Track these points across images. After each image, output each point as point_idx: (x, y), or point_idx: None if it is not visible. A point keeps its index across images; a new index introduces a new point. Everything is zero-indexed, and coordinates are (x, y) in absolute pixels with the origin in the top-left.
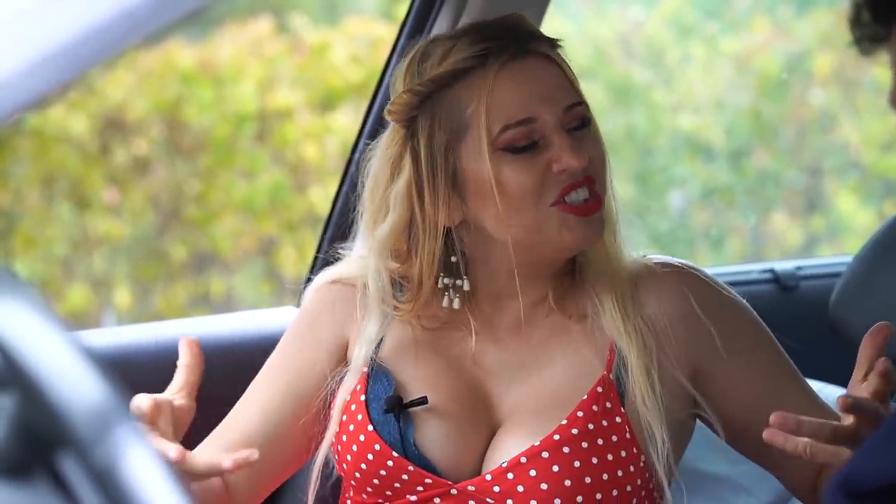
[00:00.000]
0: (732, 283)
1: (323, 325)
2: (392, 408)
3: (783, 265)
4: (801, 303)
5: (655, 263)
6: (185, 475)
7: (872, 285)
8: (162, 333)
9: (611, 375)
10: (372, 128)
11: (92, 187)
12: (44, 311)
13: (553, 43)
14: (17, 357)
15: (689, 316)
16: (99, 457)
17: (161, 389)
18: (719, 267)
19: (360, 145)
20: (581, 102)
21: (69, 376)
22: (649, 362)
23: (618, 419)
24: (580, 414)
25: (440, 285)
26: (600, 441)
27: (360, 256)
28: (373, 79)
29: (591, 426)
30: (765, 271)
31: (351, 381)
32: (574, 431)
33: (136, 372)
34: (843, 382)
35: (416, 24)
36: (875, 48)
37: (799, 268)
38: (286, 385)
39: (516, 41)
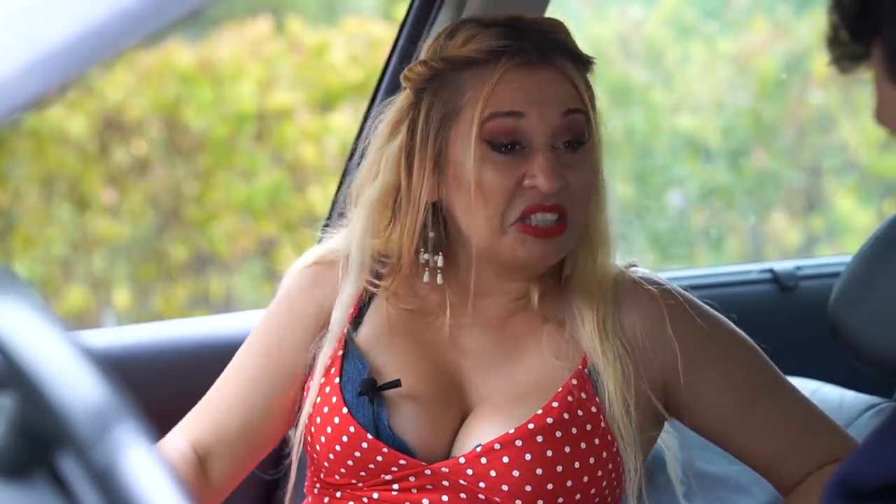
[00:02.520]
0: (732, 283)
1: (302, 306)
2: (366, 390)
3: (782, 265)
4: (801, 303)
5: (638, 278)
6: None
7: (871, 285)
8: (161, 333)
9: (585, 370)
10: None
11: (91, 187)
12: (43, 312)
13: (582, 63)
14: (17, 357)
15: (660, 330)
16: (98, 457)
17: (160, 389)
18: (718, 267)
19: (360, 146)
20: (580, 110)
21: (69, 376)
22: (625, 389)
23: (593, 409)
24: (555, 404)
25: (421, 260)
26: (574, 430)
27: (342, 230)
28: (372, 79)
29: (566, 416)
30: (764, 271)
31: (328, 348)
32: (549, 420)
33: (136, 372)
34: (842, 382)
35: (416, 24)
36: (854, 66)
37: (798, 268)
38: (268, 365)
39: (538, 49)
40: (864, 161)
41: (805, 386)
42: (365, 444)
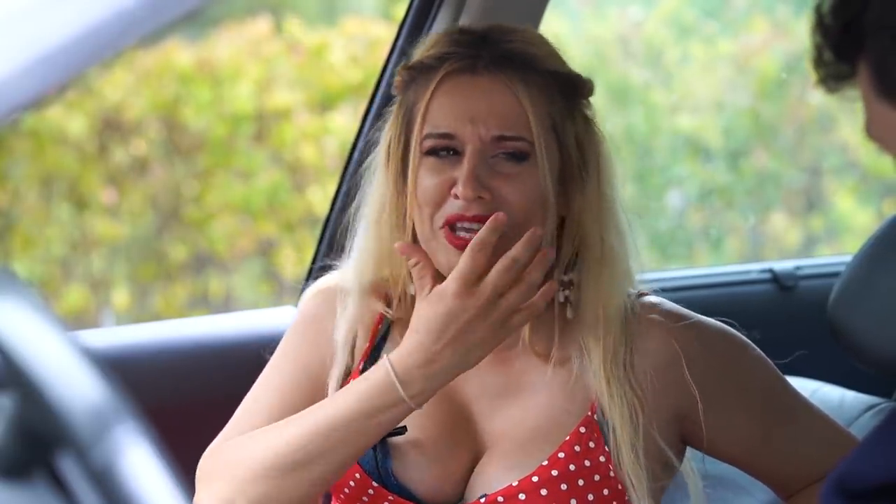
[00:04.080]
0: (731, 283)
1: (321, 332)
2: None
3: (782, 265)
4: (800, 302)
5: (652, 311)
6: None
7: (871, 285)
8: (161, 333)
9: (595, 416)
10: (371, 128)
11: (90, 187)
12: (43, 312)
13: (543, 76)
14: (17, 357)
15: (674, 370)
16: (98, 457)
17: (160, 389)
18: (718, 267)
19: (359, 146)
20: (518, 139)
21: (68, 376)
22: (633, 434)
23: (601, 458)
24: (561, 455)
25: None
26: (581, 482)
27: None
28: (371, 79)
29: (572, 467)
30: (764, 271)
31: (336, 384)
32: (554, 473)
33: (135, 372)
34: (842, 382)
35: (415, 24)
36: (841, 86)
37: (798, 267)
38: (296, 388)
39: (489, 55)
40: (864, 161)
41: (805, 386)
42: (371, 491)
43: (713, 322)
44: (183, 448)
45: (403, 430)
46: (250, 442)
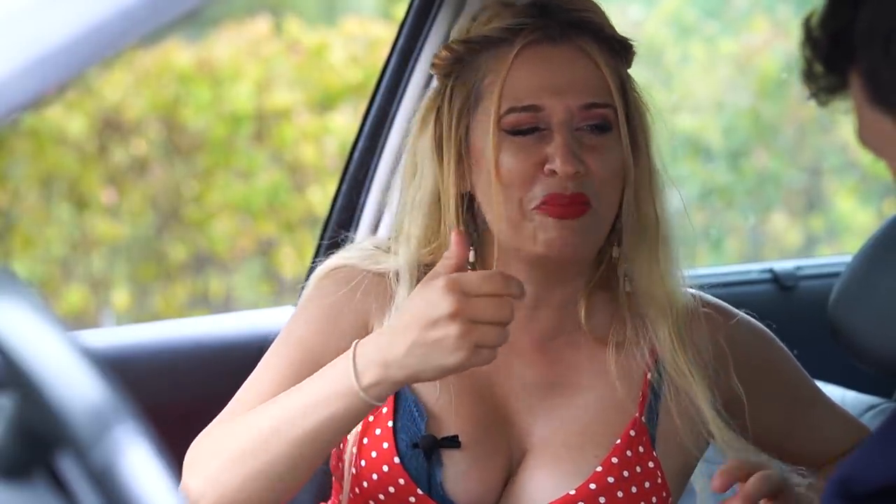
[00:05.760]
0: (732, 283)
1: (343, 310)
2: (425, 447)
3: (782, 265)
4: (801, 303)
5: (701, 305)
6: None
7: (872, 285)
8: (161, 333)
9: (643, 418)
10: (371, 128)
11: (90, 188)
12: (43, 312)
13: (615, 46)
14: (17, 357)
15: (723, 367)
16: (98, 457)
17: (160, 389)
18: (718, 267)
19: (360, 146)
20: (605, 105)
21: (68, 376)
22: (710, 396)
23: (650, 464)
24: (615, 460)
25: None
26: (634, 489)
27: (369, 247)
28: (371, 79)
29: (625, 473)
30: (764, 271)
31: None
32: (610, 480)
33: (135, 372)
34: (842, 382)
35: (415, 24)
36: (832, 98)
37: (798, 268)
38: (295, 376)
39: (560, 26)
40: (864, 161)
41: None
42: (413, 499)
43: (751, 318)
44: (183, 448)
45: (457, 442)
46: (225, 429)
